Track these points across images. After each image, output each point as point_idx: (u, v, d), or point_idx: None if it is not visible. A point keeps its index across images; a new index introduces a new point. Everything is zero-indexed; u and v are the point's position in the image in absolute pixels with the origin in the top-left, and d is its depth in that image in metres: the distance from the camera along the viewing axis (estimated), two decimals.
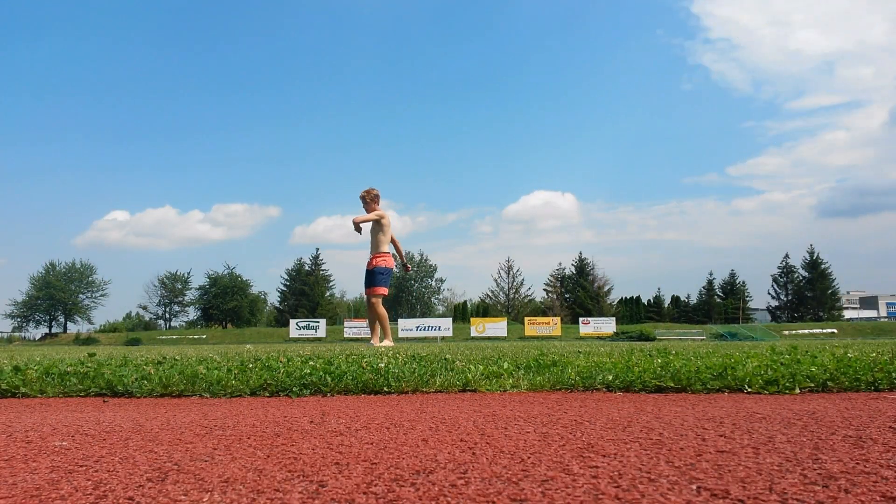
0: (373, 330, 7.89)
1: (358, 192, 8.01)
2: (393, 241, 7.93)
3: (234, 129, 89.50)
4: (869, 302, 71.70)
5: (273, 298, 66.03)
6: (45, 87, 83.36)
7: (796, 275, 58.22)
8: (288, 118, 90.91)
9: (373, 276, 7.79)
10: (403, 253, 8.28)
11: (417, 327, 41.80)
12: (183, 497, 1.08)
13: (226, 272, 61.27)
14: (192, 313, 63.51)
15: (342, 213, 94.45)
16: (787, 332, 39.84)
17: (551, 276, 60.64)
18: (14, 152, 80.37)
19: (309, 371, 2.95)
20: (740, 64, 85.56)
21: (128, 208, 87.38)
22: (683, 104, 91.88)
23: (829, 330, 41.55)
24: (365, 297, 7.88)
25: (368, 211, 7.86)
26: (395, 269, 7.92)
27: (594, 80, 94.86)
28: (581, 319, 43.14)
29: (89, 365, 3.41)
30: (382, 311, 7.81)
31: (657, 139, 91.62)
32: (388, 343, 7.56)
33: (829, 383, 2.66)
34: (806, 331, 41.19)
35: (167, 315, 63.59)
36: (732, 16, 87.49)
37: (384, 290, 7.85)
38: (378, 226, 7.79)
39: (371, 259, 7.86)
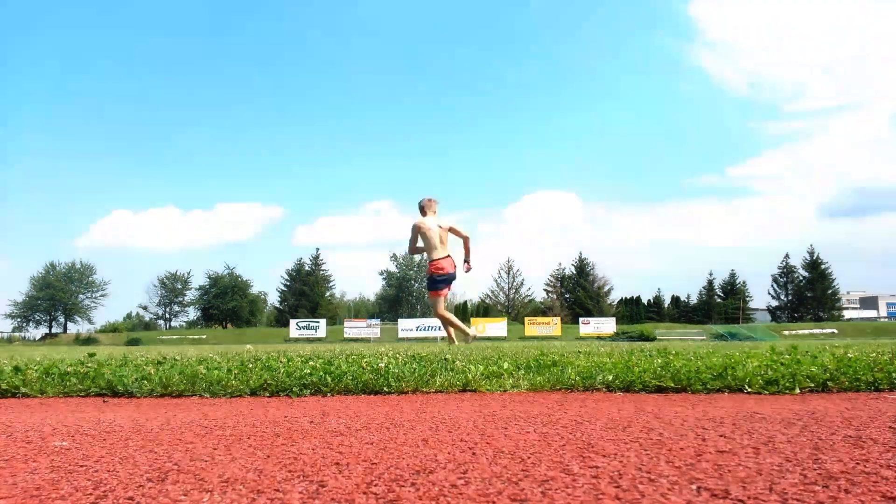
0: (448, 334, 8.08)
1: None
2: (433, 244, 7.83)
3: (238, 129, 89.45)
4: (869, 302, 71.66)
5: (273, 298, 66.02)
6: (48, 86, 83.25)
7: (796, 275, 58.19)
8: (291, 117, 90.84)
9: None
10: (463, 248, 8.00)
11: (417, 327, 41.77)
12: (183, 497, 1.08)
13: (226, 272, 61.30)
14: (193, 313, 63.55)
15: (343, 213, 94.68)
16: (787, 332, 39.80)
17: (551, 276, 60.62)
18: (17, 151, 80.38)
19: (309, 371, 2.95)
20: (739, 66, 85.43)
21: (131, 208, 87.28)
22: (683, 105, 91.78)
23: (830, 330, 41.53)
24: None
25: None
26: (448, 272, 7.76)
27: (593, 81, 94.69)
28: (581, 319, 43.12)
29: (89, 365, 3.41)
30: (441, 312, 7.90)
31: (656, 140, 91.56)
32: (471, 334, 7.79)
33: (829, 383, 2.66)
34: (806, 331, 41.16)
35: (167, 315, 63.61)
36: (730, 19, 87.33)
37: (432, 294, 7.96)
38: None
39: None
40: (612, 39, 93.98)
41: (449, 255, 7.89)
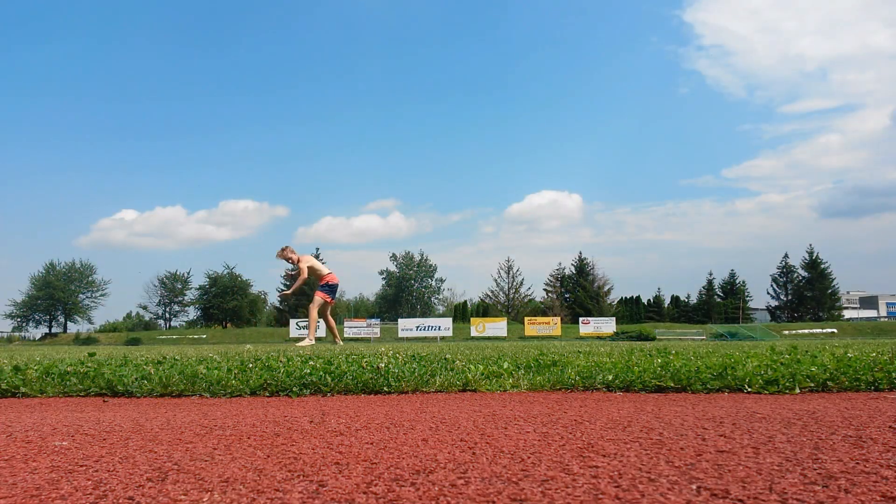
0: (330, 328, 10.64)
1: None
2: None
3: (243, 130, 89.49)
4: (869, 302, 71.62)
5: (273, 298, 66.05)
6: (55, 86, 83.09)
7: (796, 275, 58.13)
8: (294, 118, 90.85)
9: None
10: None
11: (417, 327, 41.79)
12: (183, 497, 1.08)
13: (225, 272, 61.28)
14: (192, 313, 63.48)
15: (346, 215, 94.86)
16: (786, 332, 39.79)
17: (551, 276, 60.56)
18: (19, 151, 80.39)
19: (309, 371, 2.95)
20: (734, 69, 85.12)
21: (137, 207, 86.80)
22: (679, 108, 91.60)
23: (829, 330, 41.52)
24: (328, 302, 10.34)
25: (294, 261, 10.21)
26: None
27: (592, 84, 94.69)
28: (581, 319, 43.13)
29: (89, 365, 3.41)
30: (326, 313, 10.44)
31: (653, 142, 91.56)
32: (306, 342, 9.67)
33: (829, 383, 2.66)
34: (806, 331, 41.15)
35: (167, 315, 63.57)
36: (724, 24, 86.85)
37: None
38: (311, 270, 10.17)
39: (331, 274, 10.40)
40: (609, 44, 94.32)
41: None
